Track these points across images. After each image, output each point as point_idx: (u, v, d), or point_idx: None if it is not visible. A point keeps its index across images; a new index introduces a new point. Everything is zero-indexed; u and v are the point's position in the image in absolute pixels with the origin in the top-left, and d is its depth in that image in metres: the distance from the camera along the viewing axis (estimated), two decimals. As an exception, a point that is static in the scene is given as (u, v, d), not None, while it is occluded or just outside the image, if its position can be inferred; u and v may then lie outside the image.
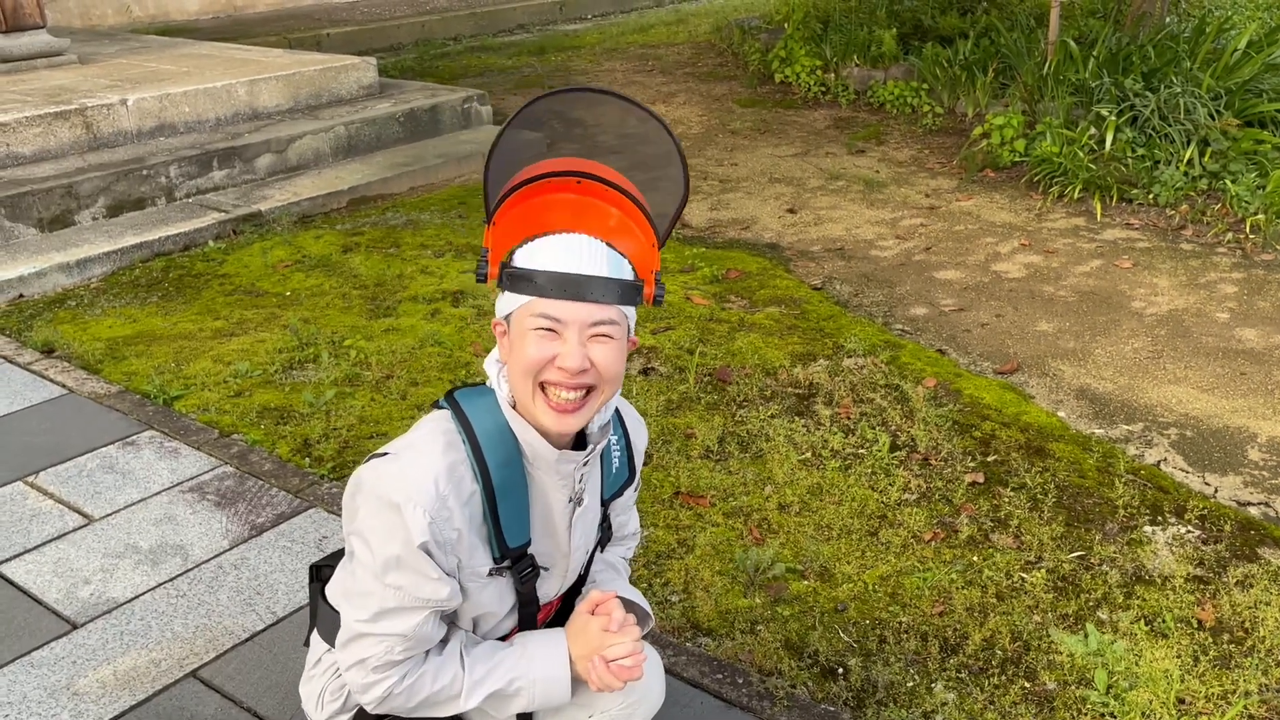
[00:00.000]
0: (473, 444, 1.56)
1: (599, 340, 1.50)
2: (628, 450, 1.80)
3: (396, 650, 1.56)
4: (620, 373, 1.55)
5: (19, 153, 5.49)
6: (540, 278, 1.48)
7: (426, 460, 1.53)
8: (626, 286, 1.52)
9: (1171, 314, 4.36)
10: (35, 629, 2.53)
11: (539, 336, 1.49)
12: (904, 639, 2.55)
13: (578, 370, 1.48)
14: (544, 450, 1.57)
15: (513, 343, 1.53)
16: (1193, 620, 2.59)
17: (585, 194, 1.54)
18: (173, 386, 3.76)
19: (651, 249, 1.58)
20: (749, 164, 6.59)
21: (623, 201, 1.55)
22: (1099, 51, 6.67)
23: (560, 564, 1.71)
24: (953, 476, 3.20)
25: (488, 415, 1.58)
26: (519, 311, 1.51)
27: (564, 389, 1.50)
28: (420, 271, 4.84)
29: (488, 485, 1.55)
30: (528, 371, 1.50)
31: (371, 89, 7.09)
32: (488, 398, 1.60)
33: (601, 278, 1.49)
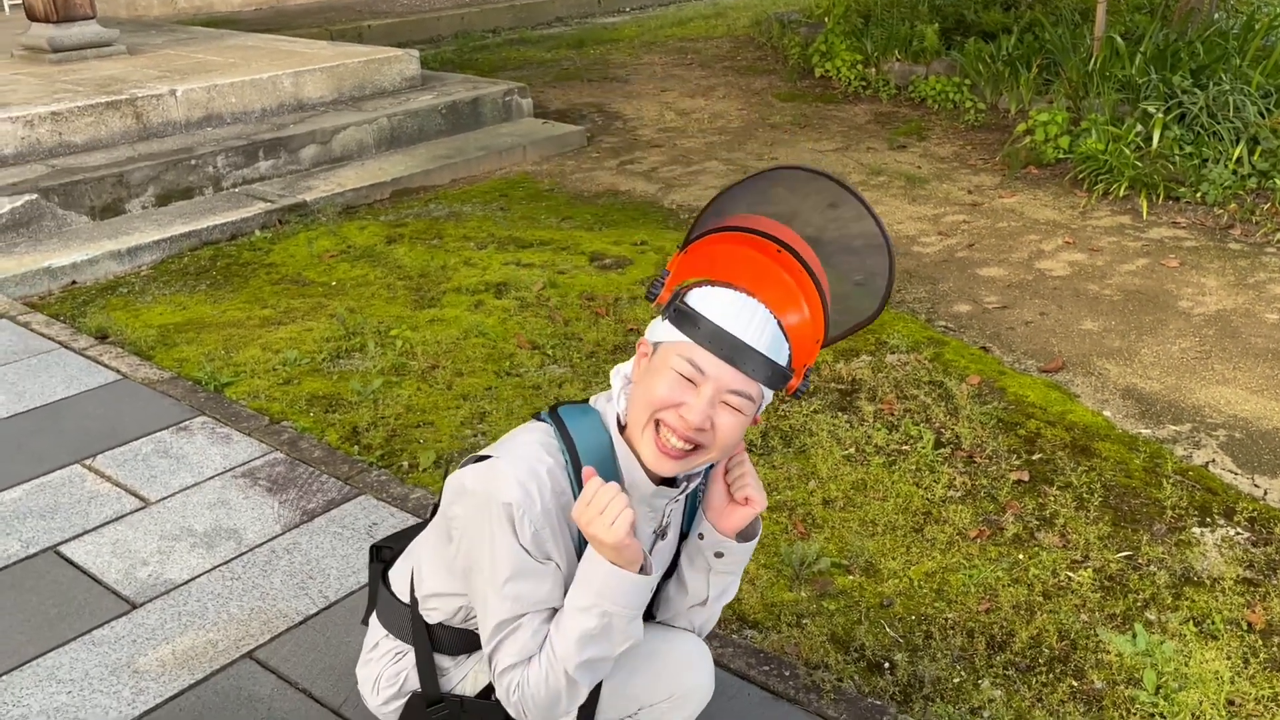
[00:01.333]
0: (573, 460, 1.57)
1: (728, 409, 1.50)
2: None
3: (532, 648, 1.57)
4: (734, 444, 1.55)
5: (71, 141, 5.59)
6: (705, 325, 1.49)
7: (532, 472, 1.54)
8: (777, 371, 1.51)
9: (1220, 314, 4.32)
10: (96, 608, 2.59)
11: (677, 379, 1.50)
12: (950, 635, 2.55)
13: (696, 426, 1.48)
14: (641, 482, 1.59)
15: (652, 371, 1.54)
16: (1242, 622, 2.58)
17: (777, 263, 1.54)
18: (223, 373, 3.82)
19: (814, 344, 1.58)
20: (789, 158, 6.57)
21: (809, 285, 1.54)
22: (1146, 48, 6.60)
23: None
24: (998, 474, 3.20)
25: (591, 434, 1.60)
26: (669, 346, 1.52)
27: (676, 435, 1.50)
28: (463, 263, 4.88)
29: None
30: (651, 405, 1.52)
31: (414, 81, 7.14)
32: (591, 418, 1.62)
33: (759, 353, 1.49)
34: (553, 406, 1.66)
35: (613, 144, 7.01)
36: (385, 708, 1.88)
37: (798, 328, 1.55)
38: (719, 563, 1.74)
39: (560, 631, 1.57)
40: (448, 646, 1.79)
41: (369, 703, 1.91)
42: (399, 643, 1.84)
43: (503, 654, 1.59)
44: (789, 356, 1.54)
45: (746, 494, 1.67)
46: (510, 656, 1.58)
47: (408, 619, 1.81)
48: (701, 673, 1.79)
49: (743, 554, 1.76)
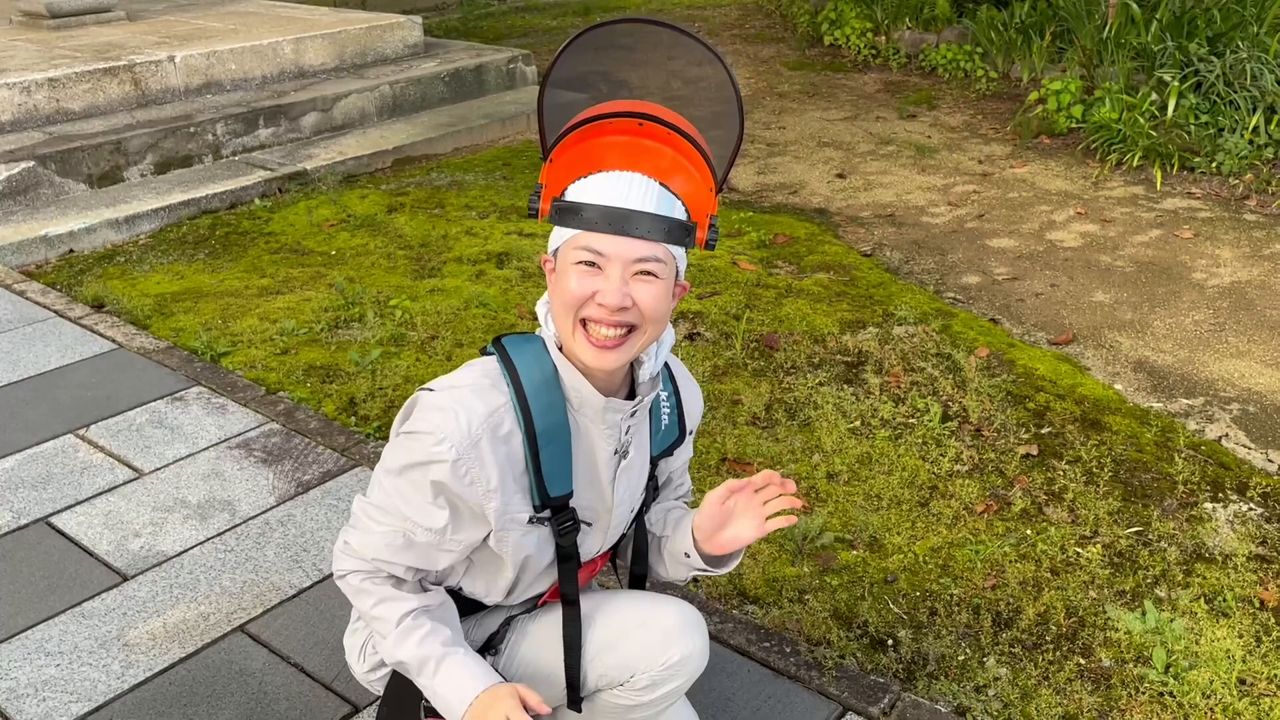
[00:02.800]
0: (517, 388, 1.55)
1: (642, 279, 1.49)
2: (678, 409, 1.77)
3: (366, 552, 1.61)
4: (664, 313, 1.53)
5: (69, 109, 5.51)
6: (587, 211, 1.48)
7: (466, 400, 1.54)
8: (675, 225, 1.50)
9: (1234, 286, 4.23)
10: (86, 580, 2.55)
11: (581, 271, 1.48)
12: (955, 612, 2.50)
13: (617, 307, 1.47)
14: (591, 396, 1.56)
15: (557, 278, 1.52)
16: (1255, 600, 2.52)
17: (644, 136, 1.52)
18: (220, 343, 3.77)
19: (709, 193, 1.56)
20: (797, 127, 6.48)
21: (681, 144, 1.53)
22: (1162, 14, 6.46)
23: (603, 519, 1.69)
24: (1006, 448, 3.14)
25: (534, 361, 1.57)
26: (565, 246, 1.51)
27: (604, 325, 1.49)
28: (465, 233, 4.81)
29: (530, 430, 1.54)
30: (568, 306, 1.50)
31: (416, 48, 7.04)
32: (535, 344, 1.60)
33: (648, 214, 1.48)
34: (496, 337, 1.63)
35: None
36: (370, 675, 1.84)
37: (684, 184, 1.53)
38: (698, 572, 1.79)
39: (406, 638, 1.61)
40: None
41: (354, 670, 1.87)
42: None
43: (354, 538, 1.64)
44: (685, 211, 1.53)
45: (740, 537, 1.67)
46: (354, 541, 1.63)
47: None
48: (695, 638, 1.74)
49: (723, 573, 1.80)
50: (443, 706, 1.60)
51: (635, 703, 1.75)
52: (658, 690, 1.74)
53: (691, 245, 1.55)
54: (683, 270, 1.57)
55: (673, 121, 1.53)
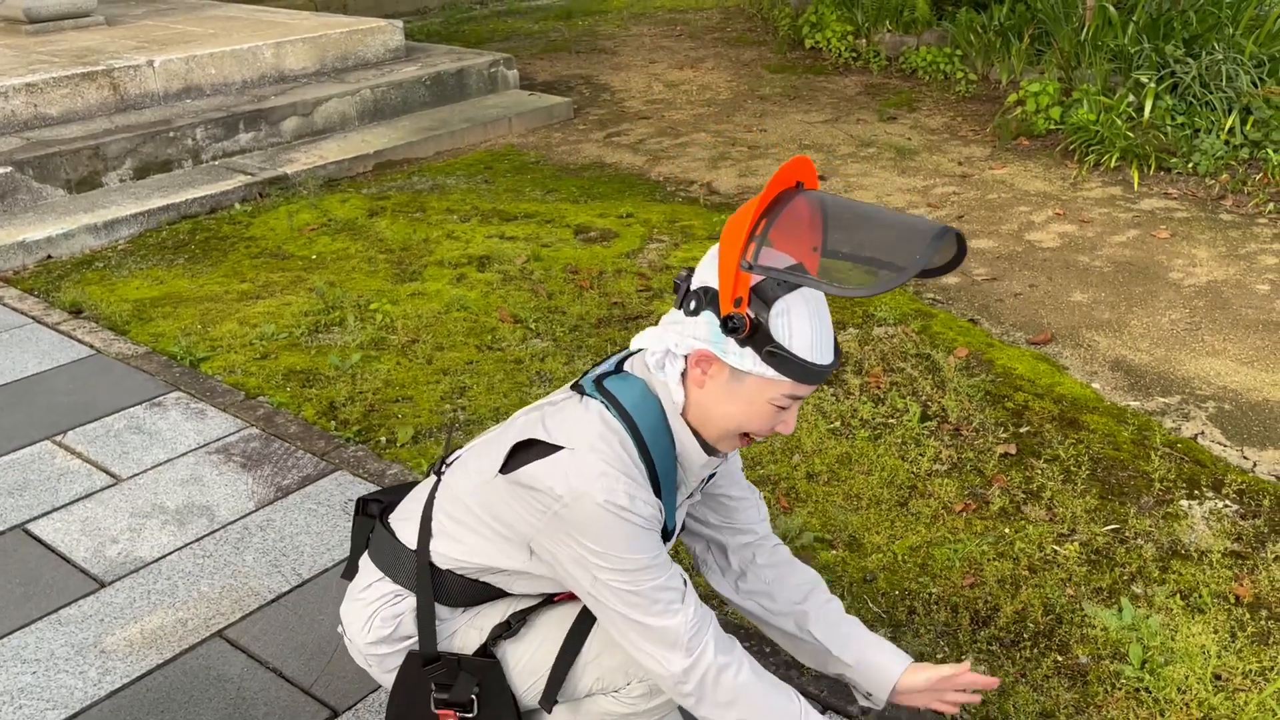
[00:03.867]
0: (636, 436, 1.60)
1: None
2: None
3: (691, 623, 1.59)
4: None
5: (46, 114, 5.49)
6: (797, 365, 1.52)
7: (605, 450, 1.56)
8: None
9: (1210, 285, 4.27)
10: (63, 587, 2.54)
11: (775, 411, 1.57)
12: (934, 610, 2.51)
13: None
14: (695, 454, 1.66)
15: (739, 399, 1.56)
16: (1230, 596, 2.54)
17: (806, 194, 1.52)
18: (199, 348, 3.76)
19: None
20: (779, 130, 6.50)
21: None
22: (1139, 17, 6.51)
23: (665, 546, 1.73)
24: (984, 447, 3.15)
25: (646, 410, 1.62)
26: (765, 383, 1.53)
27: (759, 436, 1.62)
28: (446, 236, 4.81)
29: (653, 477, 1.61)
30: (745, 427, 1.59)
31: (398, 52, 7.03)
32: (636, 389, 1.63)
33: (836, 363, 1.58)
34: (597, 378, 1.65)
35: (600, 116, 6.92)
36: (372, 649, 1.80)
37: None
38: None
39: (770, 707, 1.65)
40: (453, 597, 1.75)
41: (355, 641, 1.82)
42: (399, 587, 1.79)
43: (669, 636, 1.58)
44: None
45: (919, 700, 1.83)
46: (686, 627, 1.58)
47: (412, 565, 1.76)
48: None
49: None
50: None
51: (629, 710, 1.75)
52: (652, 700, 1.74)
53: None
54: None
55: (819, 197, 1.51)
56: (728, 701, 1.62)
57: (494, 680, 1.74)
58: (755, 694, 1.63)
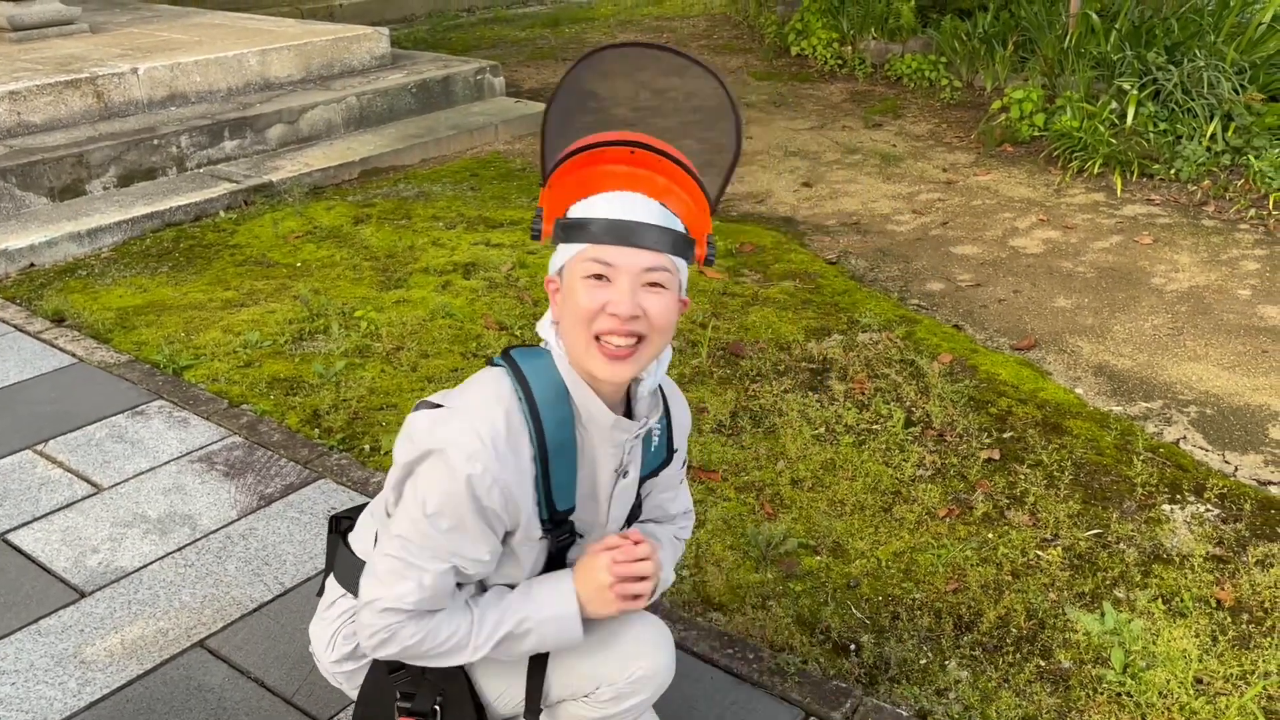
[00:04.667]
0: (529, 403, 1.55)
1: (651, 290, 1.51)
2: (668, 430, 1.79)
3: (408, 600, 1.56)
4: (671, 325, 1.55)
5: (30, 121, 5.46)
6: (594, 225, 1.50)
7: (485, 418, 1.53)
8: (678, 237, 1.53)
9: (1192, 291, 4.29)
10: (43, 597, 2.52)
11: (591, 284, 1.50)
12: (917, 616, 2.52)
13: (629, 316, 1.48)
14: (599, 414, 1.58)
15: (565, 295, 1.53)
16: (1211, 600, 2.55)
17: (637, 164, 1.55)
18: (182, 356, 3.74)
19: (703, 213, 1.60)
20: (764, 137, 6.51)
21: (673, 169, 1.56)
22: (1121, 24, 6.56)
23: (596, 533, 1.70)
24: (968, 453, 3.16)
25: (545, 375, 1.58)
26: (572, 262, 1.52)
27: (617, 335, 1.50)
28: (432, 243, 4.80)
29: (541, 446, 1.55)
30: (581, 320, 1.51)
31: (384, 60, 7.03)
32: (544, 358, 1.60)
33: (654, 225, 1.51)
34: (506, 349, 1.63)
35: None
36: (337, 667, 1.82)
37: (678, 204, 1.56)
38: None
39: (483, 616, 1.59)
40: None
41: (321, 660, 1.85)
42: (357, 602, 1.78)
43: (390, 589, 1.56)
44: (684, 227, 1.56)
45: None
46: (401, 600, 1.55)
47: None
48: (662, 653, 1.75)
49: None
50: (563, 628, 1.61)
51: (599, 715, 1.74)
52: (622, 704, 1.74)
53: (692, 260, 1.58)
54: (684, 284, 1.59)
55: (663, 149, 1.56)
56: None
57: (456, 691, 1.74)
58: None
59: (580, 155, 1.56)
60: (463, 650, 1.61)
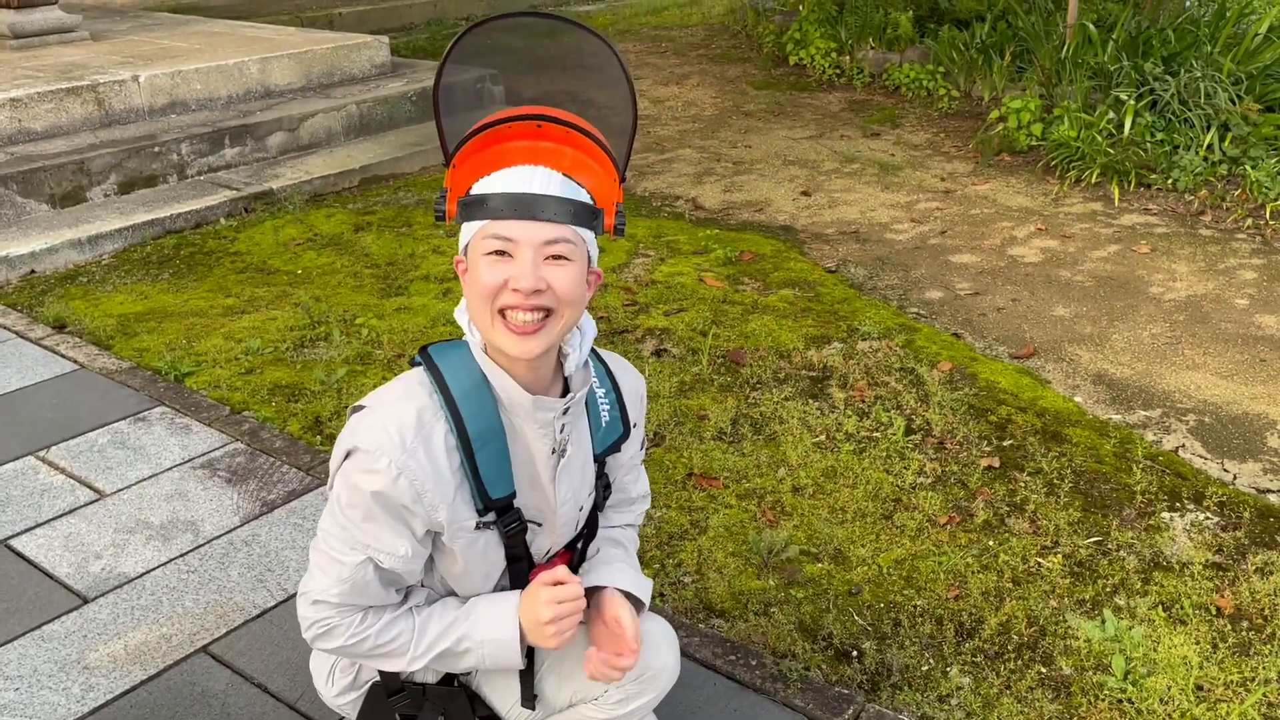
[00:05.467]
0: (444, 393, 1.55)
1: (554, 263, 1.50)
2: (619, 403, 1.75)
3: (331, 593, 1.57)
4: (580, 296, 1.53)
5: (31, 129, 5.47)
6: (492, 200, 1.49)
7: (395, 411, 1.54)
8: (580, 207, 1.51)
9: (1190, 300, 4.31)
10: (46, 603, 2.52)
11: (492, 261, 1.49)
12: (919, 622, 2.52)
13: (531, 289, 1.47)
14: (519, 396, 1.56)
15: (469, 273, 1.53)
16: (1211, 607, 2.56)
17: (543, 137, 1.56)
18: (184, 363, 3.75)
19: (612, 183, 1.59)
20: (763, 146, 6.54)
21: (580, 140, 1.56)
22: (1118, 35, 6.59)
23: (550, 519, 1.68)
24: (968, 460, 3.17)
25: (460, 365, 1.57)
26: (474, 240, 1.52)
27: (521, 310, 1.48)
28: (432, 251, 4.81)
29: (463, 434, 1.54)
30: (484, 297, 1.49)
31: (384, 68, 7.05)
32: (461, 350, 1.60)
33: (554, 196, 1.50)
34: (423, 347, 1.63)
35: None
36: (339, 699, 1.84)
37: (586, 175, 1.56)
38: None
39: (425, 627, 1.61)
40: None
41: (323, 694, 1.86)
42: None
43: (317, 582, 1.59)
44: (591, 199, 1.55)
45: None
46: (325, 592, 1.58)
47: None
48: (667, 654, 1.77)
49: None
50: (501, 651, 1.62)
51: (608, 716, 1.76)
52: (630, 704, 1.75)
53: (600, 230, 1.57)
54: (594, 257, 1.58)
55: (570, 120, 1.57)
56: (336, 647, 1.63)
57: (459, 709, 1.74)
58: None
59: (485, 133, 1.55)
60: (401, 657, 1.62)
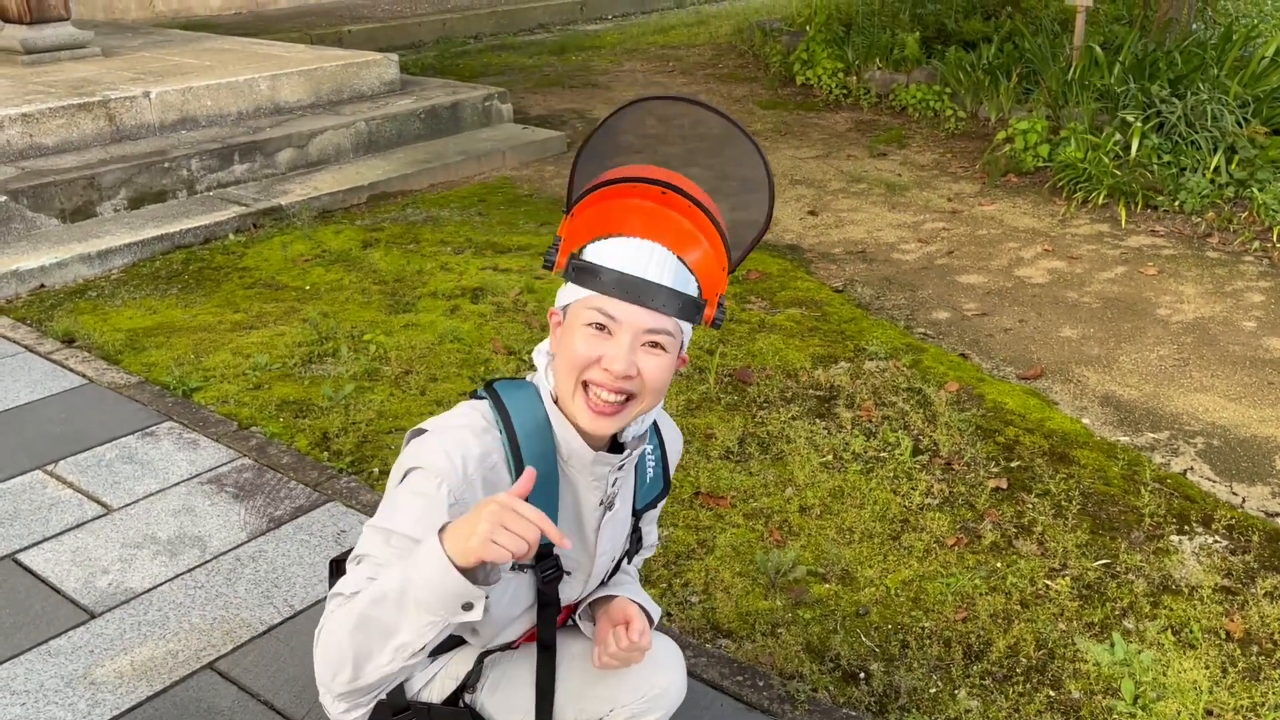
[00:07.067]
0: (509, 434, 1.54)
1: (650, 350, 1.48)
2: (663, 462, 1.78)
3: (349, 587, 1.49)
4: (664, 387, 1.52)
5: (42, 144, 5.50)
6: (605, 274, 1.47)
7: (460, 438, 1.52)
8: (688, 301, 1.49)
9: (1197, 322, 4.31)
10: (53, 618, 2.52)
11: (591, 333, 1.47)
12: (927, 644, 2.51)
13: (622, 374, 1.46)
14: (580, 449, 1.56)
15: (565, 334, 1.52)
16: (1221, 631, 2.55)
17: (666, 205, 1.52)
18: (192, 378, 3.76)
19: (721, 271, 1.56)
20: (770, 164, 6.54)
21: (702, 219, 1.52)
22: (1125, 57, 6.62)
23: (585, 566, 1.69)
24: (976, 481, 3.17)
25: (527, 408, 1.56)
26: (577, 305, 1.50)
27: (605, 390, 1.48)
28: (440, 268, 4.83)
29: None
30: (574, 367, 1.49)
31: (393, 85, 7.09)
32: (528, 391, 1.59)
33: (665, 287, 1.47)
34: (488, 382, 1.63)
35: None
36: (346, 716, 1.83)
37: (700, 260, 1.53)
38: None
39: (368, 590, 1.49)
40: None
41: (329, 712, 1.85)
42: None
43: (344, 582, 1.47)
44: (698, 288, 1.52)
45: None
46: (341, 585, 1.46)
47: None
48: (673, 672, 1.76)
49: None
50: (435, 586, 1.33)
51: None
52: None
53: (699, 322, 1.54)
54: (686, 344, 1.57)
55: (695, 195, 1.53)
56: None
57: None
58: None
59: (610, 187, 1.53)
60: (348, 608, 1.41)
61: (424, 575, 1.33)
